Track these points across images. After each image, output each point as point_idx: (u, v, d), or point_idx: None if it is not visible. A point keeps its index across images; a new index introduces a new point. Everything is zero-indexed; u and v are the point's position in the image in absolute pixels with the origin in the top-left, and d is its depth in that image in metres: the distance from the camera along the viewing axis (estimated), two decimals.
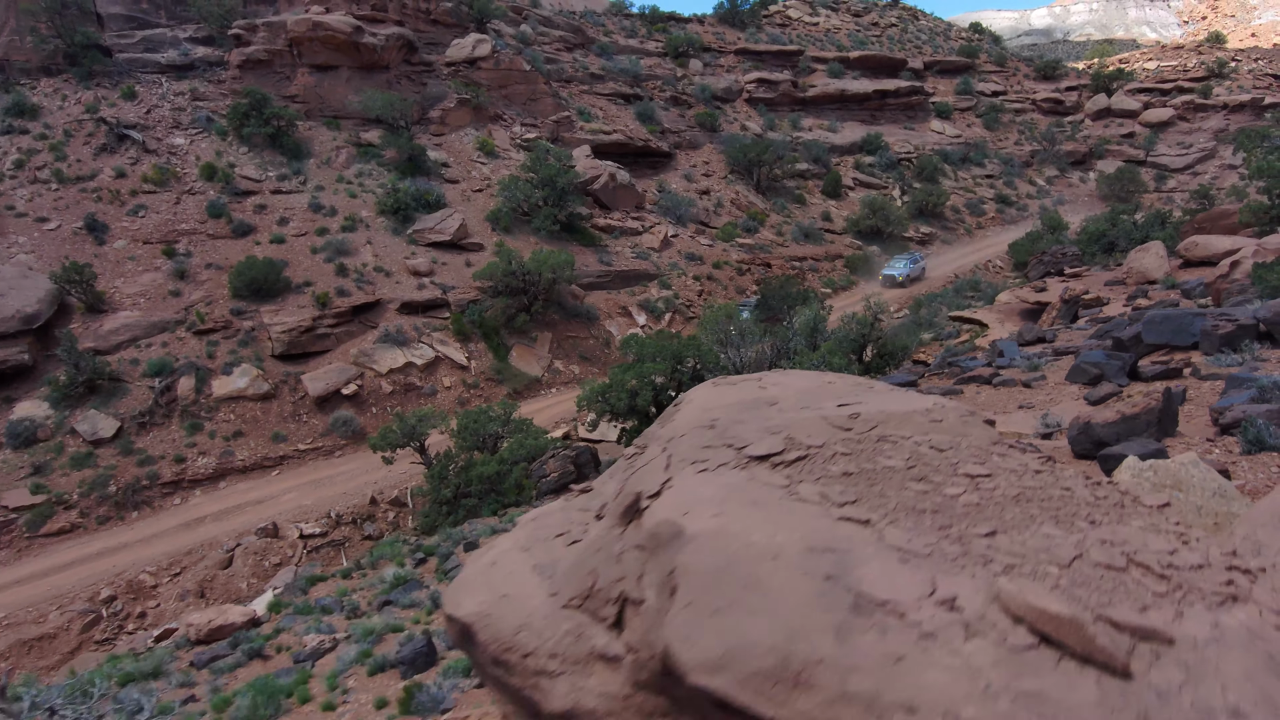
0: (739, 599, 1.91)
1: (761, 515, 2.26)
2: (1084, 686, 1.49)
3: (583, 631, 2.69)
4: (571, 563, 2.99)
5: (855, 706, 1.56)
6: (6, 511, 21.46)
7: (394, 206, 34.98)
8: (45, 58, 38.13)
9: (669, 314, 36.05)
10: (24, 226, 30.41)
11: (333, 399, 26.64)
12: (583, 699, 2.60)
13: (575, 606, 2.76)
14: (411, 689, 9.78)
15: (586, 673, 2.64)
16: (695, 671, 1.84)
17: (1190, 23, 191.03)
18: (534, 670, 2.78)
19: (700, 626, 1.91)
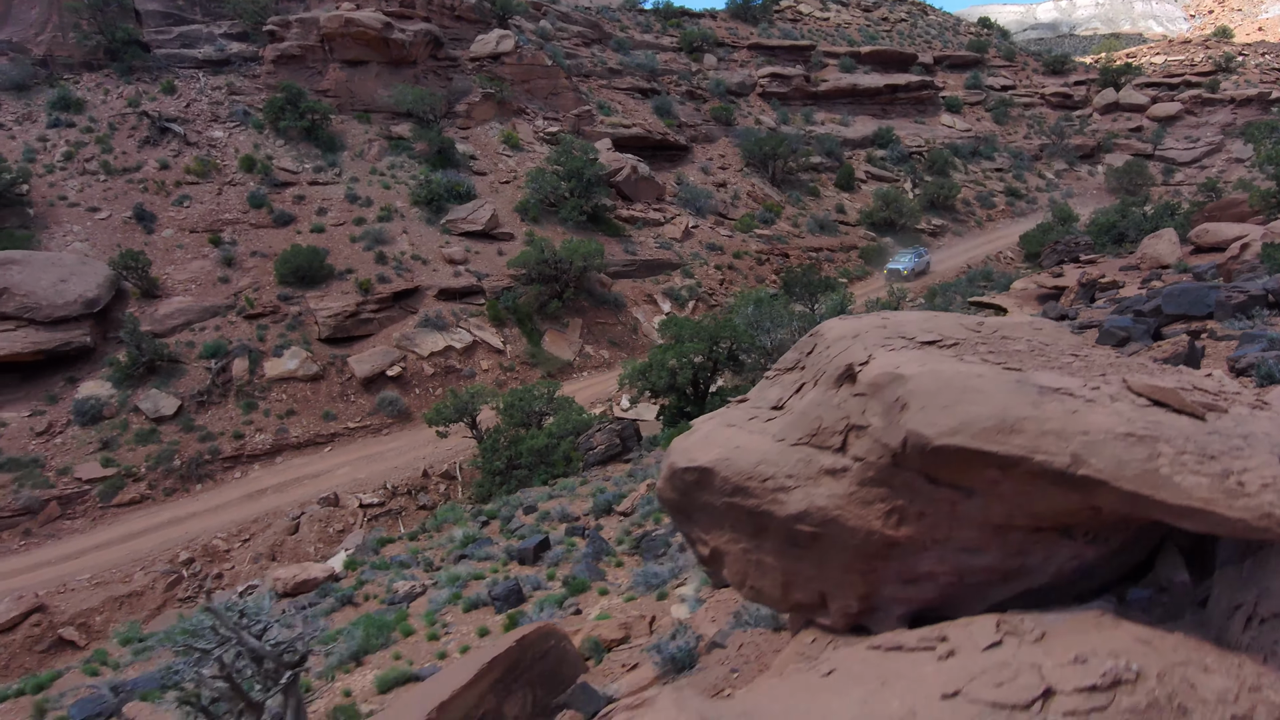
0: (959, 398, 3.13)
1: (953, 363, 3.48)
2: (1180, 422, 2.69)
3: (811, 458, 3.92)
4: (790, 420, 4.22)
5: (1050, 437, 2.77)
6: (80, 483, 22.78)
7: (427, 197, 36.20)
8: (87, 53, 39.34)
9: (693, 302, 37.25)
10: (77, 216, 31.68)
11: (378, 380, 27.91)
12: (814, 500, 3.83)
13: (804, 444, 3.99)
14: (515, 616, 11.04)
15: (816, 484, 3.86)
16: (939, 438, 3.06)
17: (1197, 16, 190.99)
18: (772, 489, 4.00)
19: (935, 415, 3.13)
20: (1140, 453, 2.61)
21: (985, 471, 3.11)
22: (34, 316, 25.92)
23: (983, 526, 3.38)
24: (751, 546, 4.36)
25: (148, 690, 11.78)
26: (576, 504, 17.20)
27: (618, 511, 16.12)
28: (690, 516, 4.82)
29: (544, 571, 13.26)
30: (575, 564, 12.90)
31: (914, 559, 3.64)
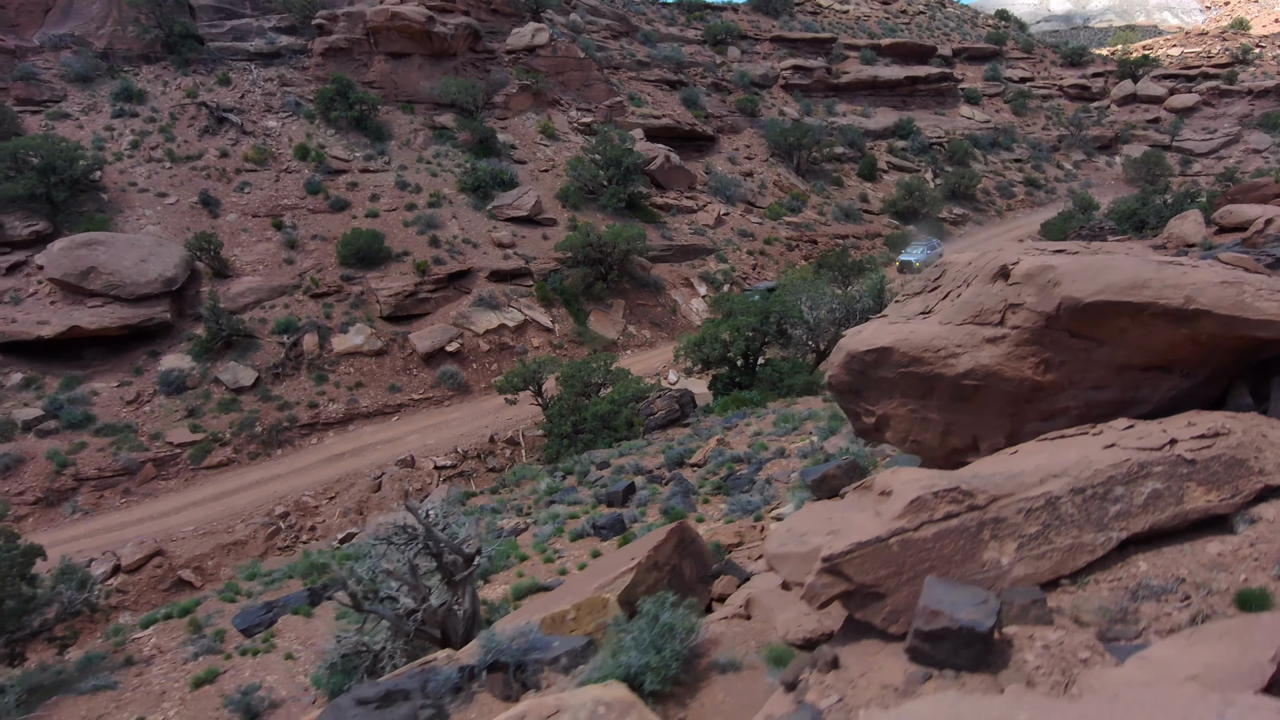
0: (1099, 272, 4.65)
1: (1087, 255, 5.00)
2: (1255, 276, 4.21)
3: (974, 332, 5.44)
4: (950, 311, 5.74)
5: (1169, 288, 4.28)
6: (171, 447, 24.50)
7: (474, 184, 37.76)
8: (145, 46, 41.04)
9: (727, 285, 38.72)
10: (147, 201, 33.38)
11: (438, 355, 29.52)
12: (979, 360, 5.36)
13: (967, 323, 5.51)
14: (629, 536, 12.61)
15: (979, 350, 5.39)
16: (1088, 297, 4.57)
17: (1213, 8, 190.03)
18: (944, 356, 5.53)
19: (1084, 284, 4.65)
20: (1232, 291, 4.12)
21: (1117, 321, 4.63)
22: (119, 294, 27.63)
23: (1108, 368, 4.90)
24: (918, 406, 5.89)
25: (298, 605, 13.42)
26: (647, 459, 18.75)
27: (689, 464, 17.66)
28: (860, 393, 6.35)
29: (635, 510, 14.81)
30: (666, 501, 14.45)
31: (1053, 399, 5.16)
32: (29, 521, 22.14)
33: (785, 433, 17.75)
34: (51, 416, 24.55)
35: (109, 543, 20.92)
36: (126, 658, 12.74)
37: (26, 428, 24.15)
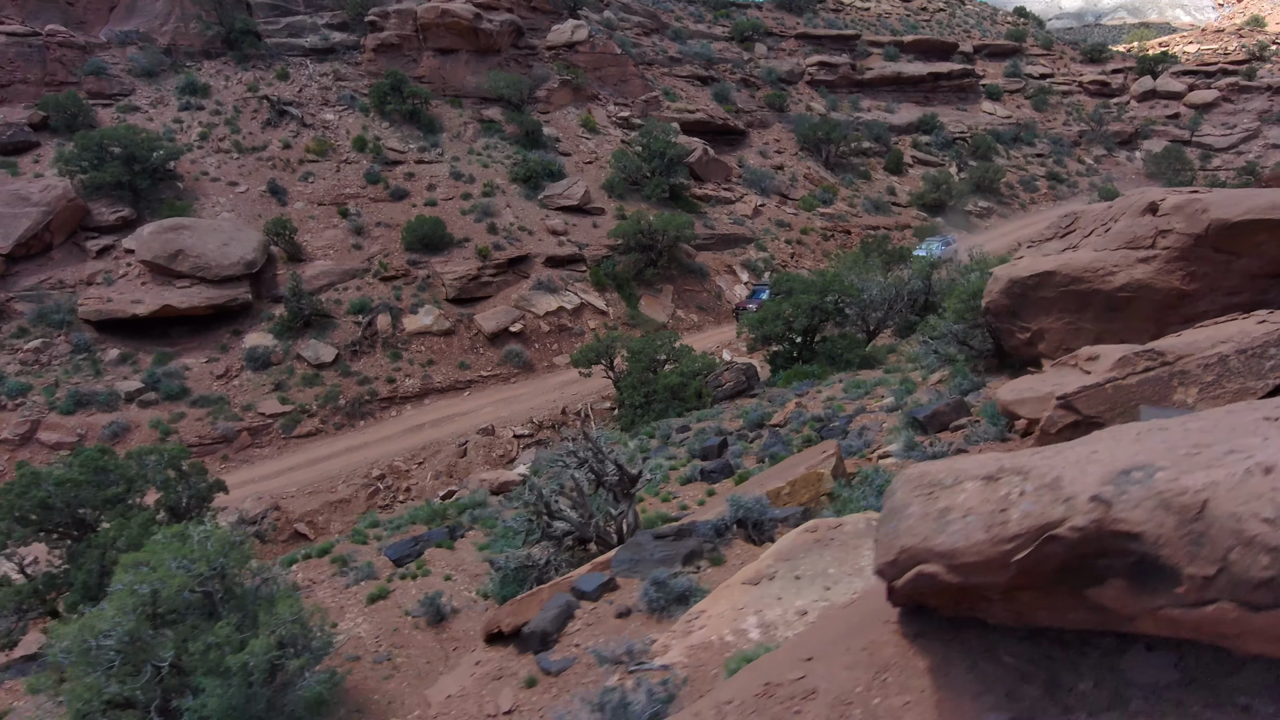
0: (1242, 200, 6.10)
1: (1227, 190, 6.46)
2: None
3: (1127, 255, 6.90)
4: (1103, 241, 7.20)
5: None
6: (264, 417, 26.09)
7: (525, 175, 39.28)
8: (206, 42, 42.69)
9: (768, 273, 40.12)
10: (220, 189, 35.01)
11: (502, 335, 31.06)
12: (1133, 276, 6.82)
13: (1120, 249, 6.97)
14: (742, 476, 14.08)
15: (1133, 268, 6.85)
16: (1235, 218, 6.02)
17: (1225, 5, 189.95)
18: (1103, 275, 6.99)
19: (1230, 208, 6.10)
20: None
21: (1257, 236, 6.08)
22: (205, 275, 29.23)
23: (1243, 276, 6.35)
24: (1073, 319, 7.35)
25: (440, 540, 14.95)
26: (726, 423, 20.20)
27: (769, 425, 19.10)
28: (1016, 313, 7.81)
29: (733, 460, 16.26)
30: (763, 450, 15.90)
31: (1194, 304, 6.61)
32: None
33: (857, 397, 19.17)
34: (151, 389, 26.17)
35: (220, 501, 22.48)
36: (292, 585, 14.28)
37: (129, 399, 25.78)
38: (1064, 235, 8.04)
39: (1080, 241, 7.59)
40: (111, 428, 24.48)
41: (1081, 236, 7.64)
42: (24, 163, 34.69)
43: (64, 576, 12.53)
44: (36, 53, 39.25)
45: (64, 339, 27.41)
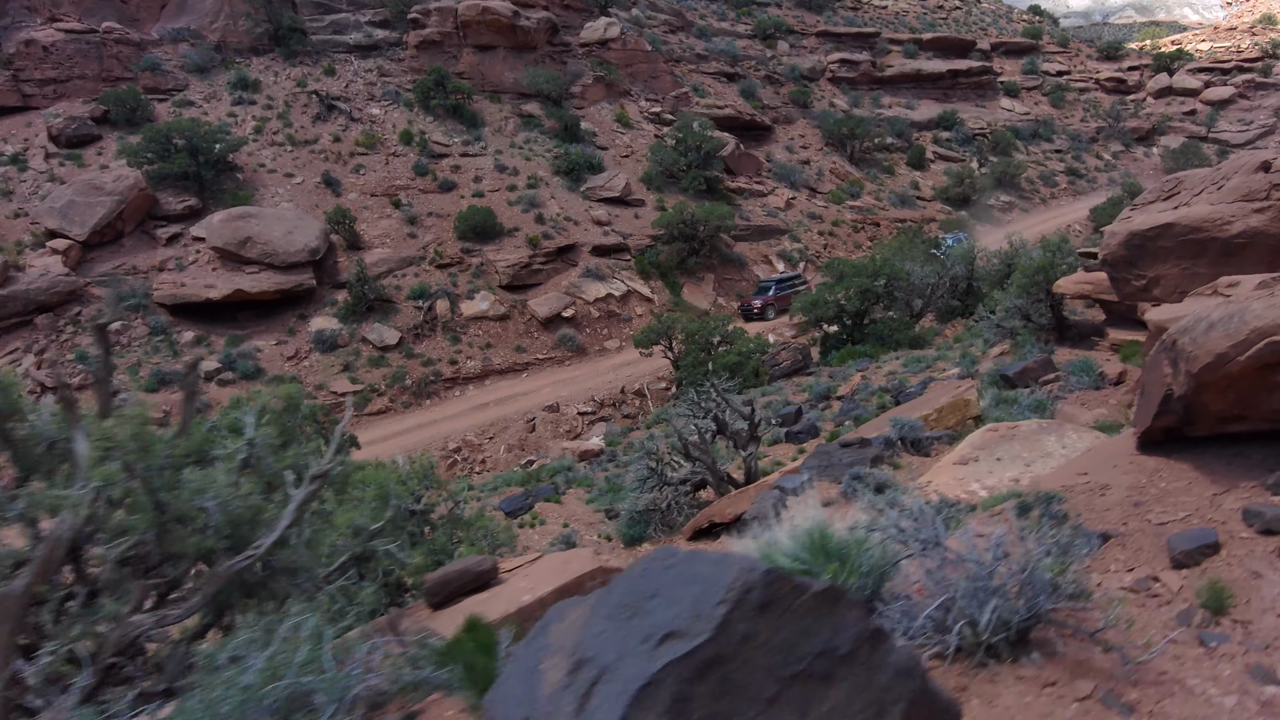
0: None
1: None
2: None
3: (1243, 207, 8.02)
4: (1218, 195, 8.32)
5: None
6: (336, 396, 27.27)
7: (567, 168, 40.44)
8: (254, 39, 43.93)
9: (802, 263, 41.24)
10: (277, 180, 36.21)
11: (555, 320, 32.21)
12: (1249, 224, 7.94)
13: (1236, 202, 8.09)
14: (832, 435, 15.17)
15: (1248, 218, 7.97)
16: None
17: (1234, 3, 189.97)
18: (1220, 224, 8.11)
19: None
20: None
21: None
22: (272, 262, 30.43)
23: None
24: (1189, 265, 8.46)
25: (548, 494, 16.09)
26: (791, 397, 21.31)
27: (835, 397, 20.20)
28: (1133, 263, 8.92)
29: (816, 424, 17.36)
30: (841, 415, 17.00)
31: None
32: None
33: (918, 370, 20.25)
34: (228, 369, 27.39)
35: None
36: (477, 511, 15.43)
37: (208, 378, 26.98)
38: (1168, 197, 9.12)
39: (1190, 199, 8.68)
40: (199, 405, 25.62)
41: (1191, 195, 8.73)
42: (88, 155, 35.97)
43: None
44: (94, 49, 40.52)
45: (141, 322, 28.63)
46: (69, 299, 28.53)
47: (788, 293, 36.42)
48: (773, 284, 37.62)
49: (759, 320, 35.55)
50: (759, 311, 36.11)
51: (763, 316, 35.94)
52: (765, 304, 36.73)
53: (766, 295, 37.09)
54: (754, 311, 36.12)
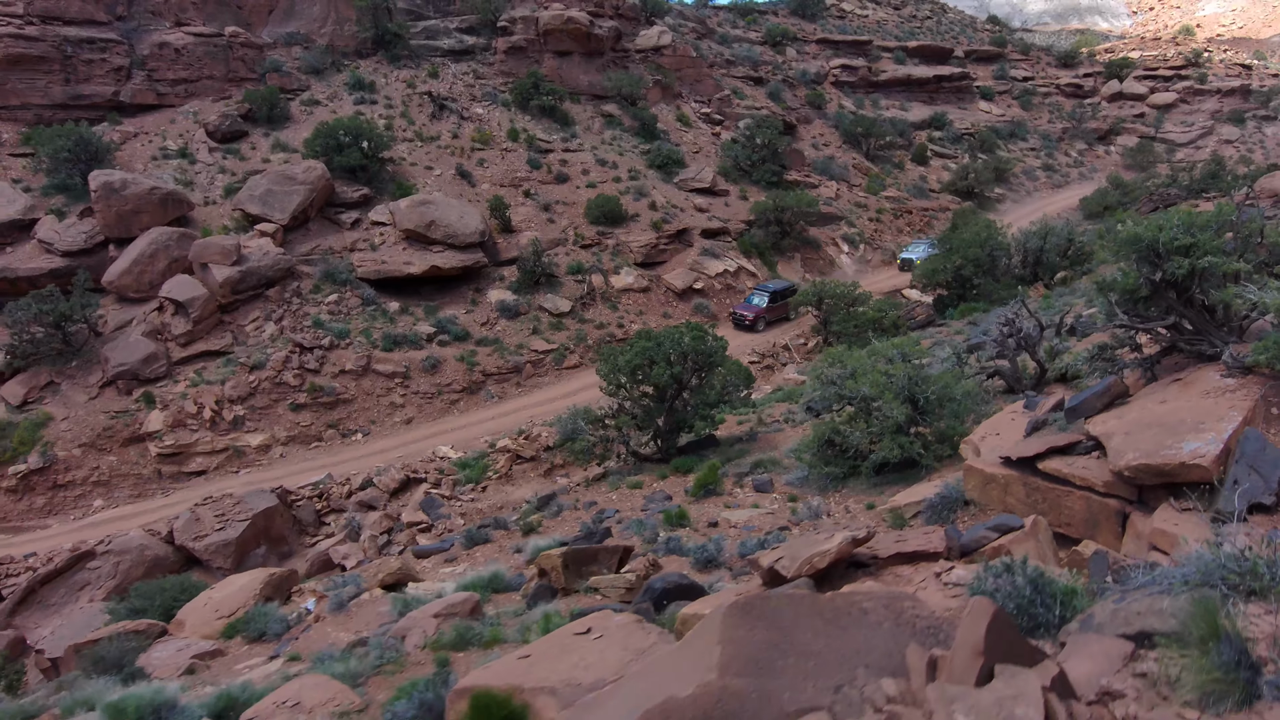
0: None
1: None
2: None
3: None
4: None
5: None
6: (536, 354, 32.10)
7: (660, 162, 45.70)
8: (359, 44, 47.69)
9: (862, 245, 47.51)
10: (419, 173, 40.37)
11: (688, 292, 37.53)
12: None
13: None
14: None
15: None
16: None
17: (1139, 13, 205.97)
18: None
19: None
20: None
21: None
22: (452, 242, 34.87)
23: None
24: None
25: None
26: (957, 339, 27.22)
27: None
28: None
29: None
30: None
31: None
32: (459, 405, 29.59)
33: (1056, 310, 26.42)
34: (442, 332, 31.86)
35: (525, 418, 28.47)
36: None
37: (428, 339, 31.42)
38: None
39: None
40: (429, 360, 30.18)
41: None
42: (244, 148, 39.52)
43: (646, 415, 18.77)
44: (221, 51, 43.83)
45: (352, 294, 32.75)
46: (287, 274, 32.45)
47: (781, 304, 35.90)
48: (767, 293, 36.25)
49: (749, 332, 34.79)
50: (750, 323, 35.27)
51: (753, 328, 35.06)
52: (757, 315, 35.37)
53: (758, 306, 35.75)
54: (745, 322, 35.44)
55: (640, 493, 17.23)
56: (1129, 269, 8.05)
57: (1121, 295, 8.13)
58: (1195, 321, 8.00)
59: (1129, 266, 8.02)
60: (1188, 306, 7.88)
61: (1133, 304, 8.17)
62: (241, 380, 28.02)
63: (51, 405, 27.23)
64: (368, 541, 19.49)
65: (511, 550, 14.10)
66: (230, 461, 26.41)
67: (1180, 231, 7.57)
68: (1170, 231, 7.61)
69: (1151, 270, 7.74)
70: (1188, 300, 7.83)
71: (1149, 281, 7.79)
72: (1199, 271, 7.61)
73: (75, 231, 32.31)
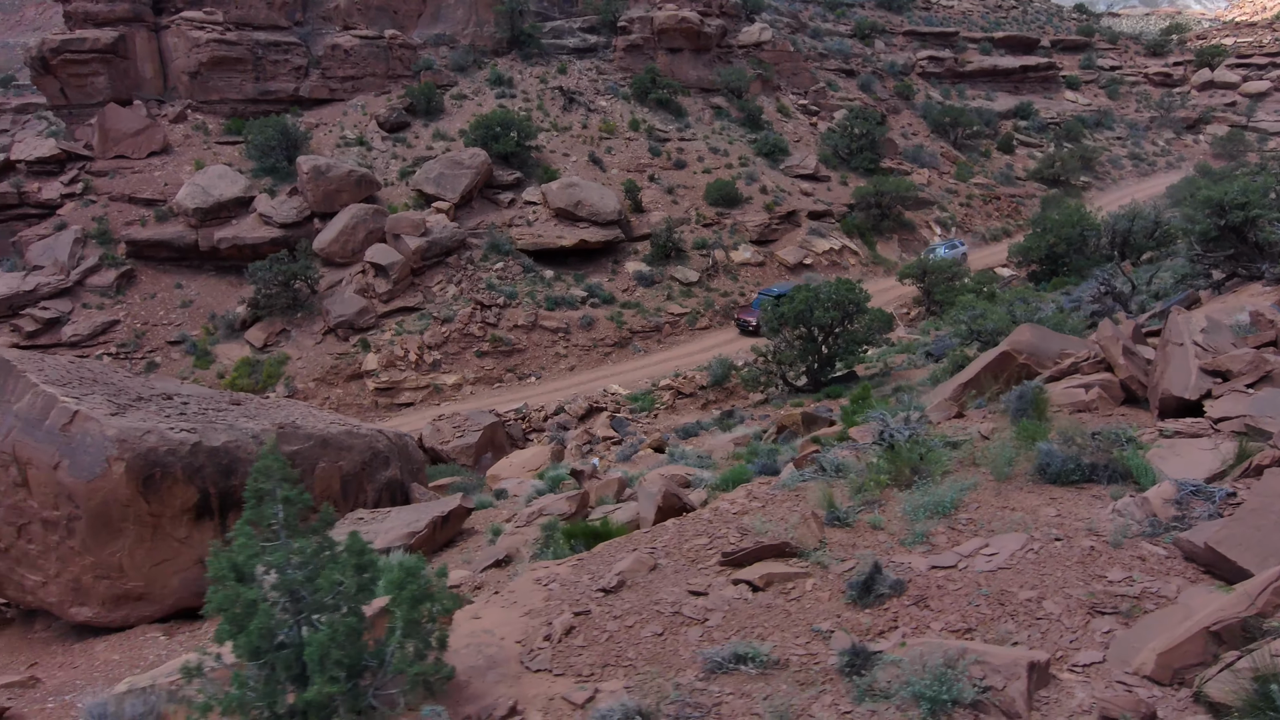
0: None
1: None
2: None
3: None
4: None
5: None
6: (673, 316, 37.12)
7: (767, 150, 50.11)
8: (496, 44, 53.29)
9: (953, 228, 51.09)
10: (557, 159, 45.67)
11: (799, 267, 41.99)
12: None
13: None
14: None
15: None
16: None
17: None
18: None
19: None
20: None
21: None
22: (595, 220, 40.07)
23: None
24: None
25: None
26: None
27: None
28: None
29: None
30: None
31: None
32: (612, 356, 34.80)
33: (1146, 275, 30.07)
34: (593, 296, 37.11)
35: (672, 367, 33.42)
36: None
37: (582, 302, 36.72)
38: None
39: None
40: (584, 319, 35.49)
41: None
42: (410, 137, 45.45)
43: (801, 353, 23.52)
44: (382, 51, 49.92)
45: (514, 263, 38.27)
46: (460, 245, 38.14)
47: None
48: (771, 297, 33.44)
49: (753, 337, 33.26)
50: (754, 329, 34.11)
51: (757, 333, 32.76)
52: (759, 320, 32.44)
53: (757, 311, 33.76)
54: (749, 328, 34.89)
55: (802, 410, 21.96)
56: (1204, 219, 12.40)
57: (1199, 236, 12.49)
58: (1248, 254, 12.29)
59: (1203, 218, 12.38)
60: (1242, 243, 12.18)
61: (1205, 243, 12.54)
62: (435, 331, 33.78)
63: (286, 348, 33.47)
64: (573, 450, 24.73)
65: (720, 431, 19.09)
66: (431, 396, 32.15)
67: (1239, 194, 11.90)
68: (1232, 194, 11.93)
69: (1219, 219, 12.10)
70: (1242, 239, 12.11)
71: (1217, 226, 12.14)
72: (1252, 219, 11.94)
73: (287, 207, 38.60)
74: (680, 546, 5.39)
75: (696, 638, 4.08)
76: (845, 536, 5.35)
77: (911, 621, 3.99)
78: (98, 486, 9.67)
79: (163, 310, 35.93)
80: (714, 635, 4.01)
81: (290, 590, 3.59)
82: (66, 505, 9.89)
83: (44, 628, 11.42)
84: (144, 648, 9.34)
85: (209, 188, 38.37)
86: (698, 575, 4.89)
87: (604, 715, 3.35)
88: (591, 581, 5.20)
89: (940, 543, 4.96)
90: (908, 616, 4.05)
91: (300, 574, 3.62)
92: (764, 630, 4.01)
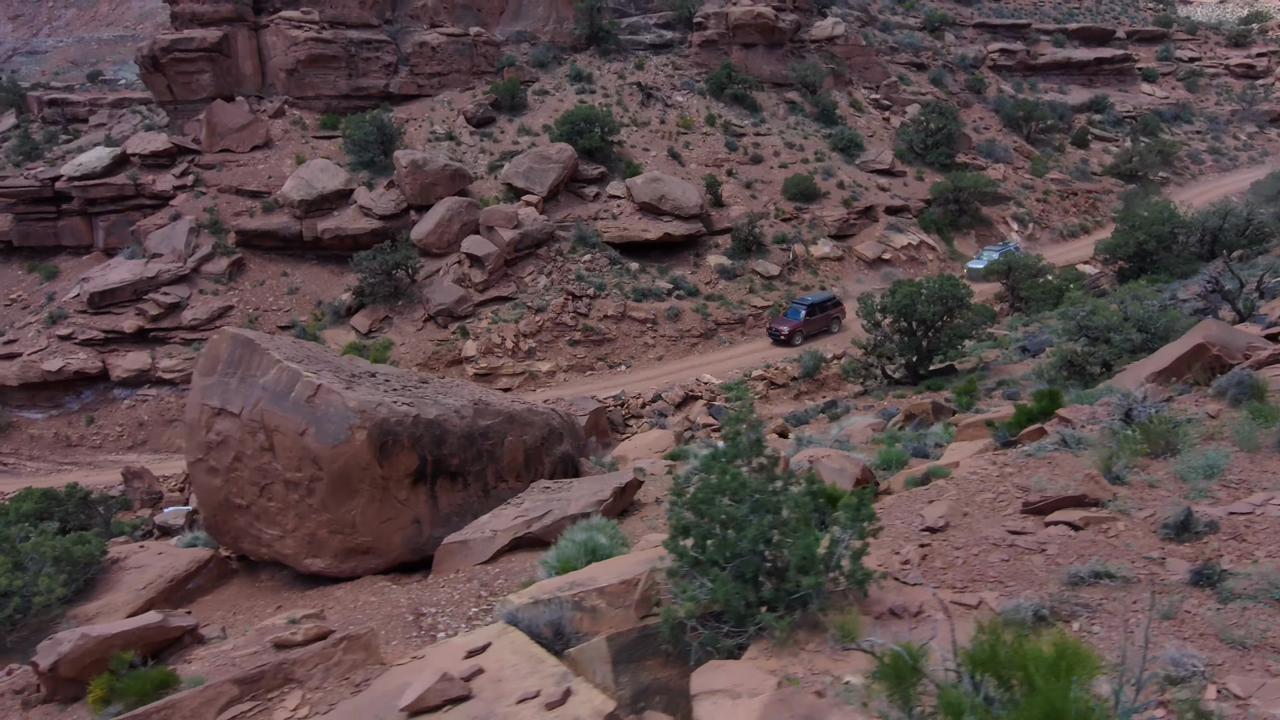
0: None
1: None
2: None
3: None
4: None
5: None
6: (755, 308, 37.91)
7: (842, 145, 50.43)
8: (574, 40, 54.47)
9: (1030, 224, 50.82)
10: (638, 154, 46.72)
11: (877, 262, 42.41)
12: None
13: None
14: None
15: None
16: None
17: None
18: None
19: None
20: None
21: None
22: (679, 214, 41.04)
23: None
24: None
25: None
26: None
27: None
28: None
29: None
30: None
31: None
32: (699, 347, 35.79)
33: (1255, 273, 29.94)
34: (677, 288, 38.12)
35: (757, 360, 34.25)
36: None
37: (668, 294, 37.76)
38: None
39: None
40: (671, 310, 36.55)
41: None
42: (496, 132, 46.93)
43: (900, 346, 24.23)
44: (466, 48, 51.48)
45: (601, 255, 39.46)
46: (549, 237, 39.48)
47: (820, 316, 34.93)
48: (804, 306, 35.18)
49: (784, 346, 34.04)
50: (786, 338, 34.50)
51: (789, 343, 34.04)
52: (794, 329, 34.38)
53: (795, 320, 34.72)
54: (780, 337, 34.77)
55: (905, 401, 22.69)
56: None
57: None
58: None
59: None
60: None
61: None
62: (530, 320, 35.18)
63: (389, 334, 35.21)
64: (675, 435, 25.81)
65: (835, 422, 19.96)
66: (527, 383, 33.56)
67: None
68: None
69: None
70: None
71: None
72: None
73: (386, 199, 40.37)
74: (973, 499, 6.41)
75: (1042, 563, 5.03)
76: (1129, 492, 6.29)
77: (1234, 552, 4.86)
78: (341, 451, 11.01)
79: (271, 296, 38.00)
80: (1058, 560, 4.94)
81: (763, 509, 4.68)
82: (310, 467, 11.27)
83: (269, 578, 12.89)
84: (385, 593, 10.64)
85: (312, 180, 40.33)
86: (1007, 520, 5.87)
87: (1015, 609, 4.29)
88: (904, 525, 6.32)
89: (1221, 497, 5.86)
90: (1229, 549, 4.93)
91: (770, 500, 4.70)
92: (1102, 557, 4.92)
